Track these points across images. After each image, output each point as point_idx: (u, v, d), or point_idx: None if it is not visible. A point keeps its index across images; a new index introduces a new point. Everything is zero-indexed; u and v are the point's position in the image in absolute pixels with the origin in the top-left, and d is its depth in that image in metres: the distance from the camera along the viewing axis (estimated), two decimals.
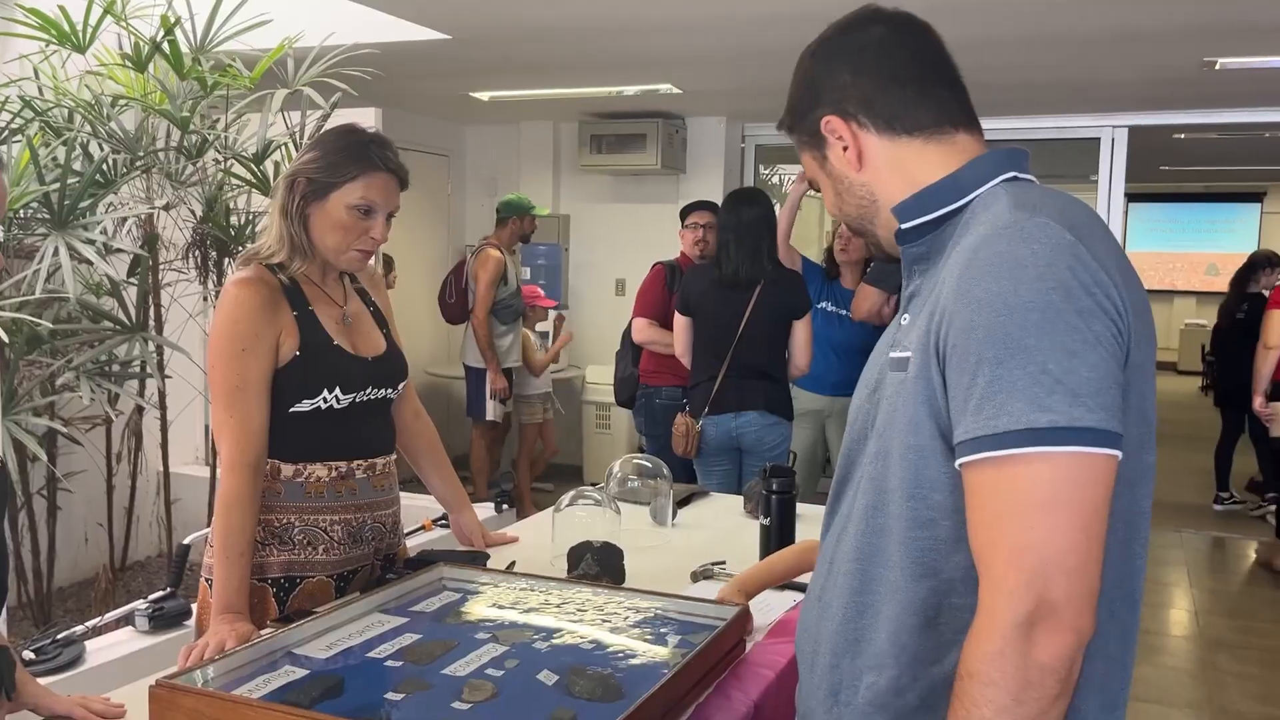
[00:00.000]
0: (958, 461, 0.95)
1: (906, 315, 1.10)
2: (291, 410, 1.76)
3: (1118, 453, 0.91)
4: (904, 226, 1.11)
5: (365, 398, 1.82)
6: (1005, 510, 0.91)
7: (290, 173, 1.76)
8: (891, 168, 1.12)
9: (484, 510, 2.91)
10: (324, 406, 1.77)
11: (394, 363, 1.89)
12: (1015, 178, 1.07)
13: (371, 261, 1.86)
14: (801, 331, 3.60)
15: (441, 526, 3.37)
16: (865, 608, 1.07)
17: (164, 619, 2.48)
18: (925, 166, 1.10)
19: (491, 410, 5.45)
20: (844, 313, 4.33)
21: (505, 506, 3.31)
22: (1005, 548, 0.91)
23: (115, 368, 3.44)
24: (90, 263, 3.23)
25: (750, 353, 3.57)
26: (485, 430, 5.58)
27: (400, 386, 1.91)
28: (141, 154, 3.42)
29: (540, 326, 5.90)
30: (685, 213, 4.29)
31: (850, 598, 1.09)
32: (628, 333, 4.48)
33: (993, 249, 0.96)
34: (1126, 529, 1.00)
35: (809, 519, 2.19)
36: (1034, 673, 0.89)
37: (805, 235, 11.77)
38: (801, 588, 1.94)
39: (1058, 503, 0.89)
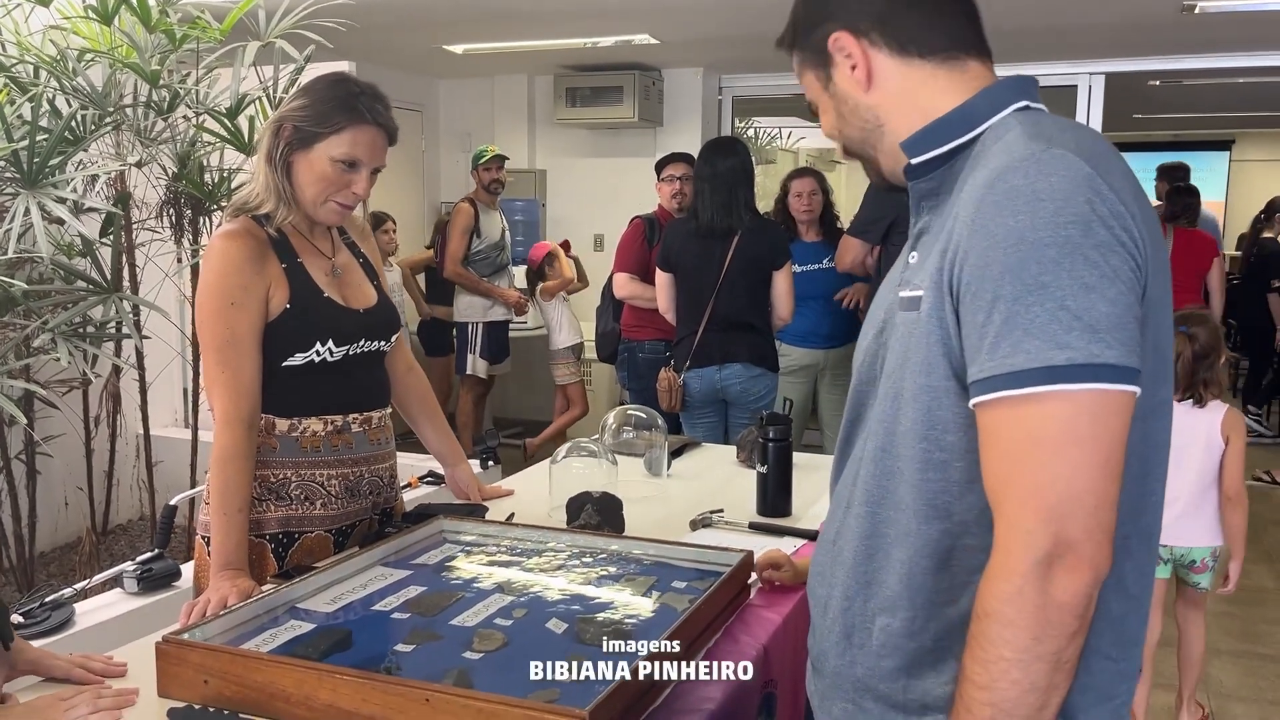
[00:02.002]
0: (972, 401, 0.93)
1: (915, 253, 1.07)
2: (284, 364, 1.72)
3: (1136, 389, 0.90)
4: (914, 161, 1.08)
5: (359, 350, 1.79)
6: (1022, 449, 0.89)
7: (277, 118, 1.72)
8: (901, 92, 1.08)
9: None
10: (317, 360, 1.74)
11: (386, 315, 1.86)
12: (1027, 107, 1.04)
13: (357, 211, 1.82)
14: (782, 282, 3.56)
15: (428, 484, 3.35)
16: (876, 550, 1.06)
17: (153, 580, 2.46)
18: (935, 94, 1.06)
19: (472, 365, 5.46)
20: (814, 266, 4.30)
21: (490, 463, 3.30)
22: (1022, 487, 0.89)
23: (90, 329, 3.37)
24: (62, 222, 3.16)
25: (730, 304, 3.54)
26: (472, 386, 5.58)
27: (393, 339, 1.88)
28: (111, 109, 3.33)
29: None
30: (661, 165, 4.25)
31: (861, 541, 1.08)
32: (608, 288, 4.45)
33: (1009, 183, 0.93)
34: (1140, 464, 0.98)
35: (801, 468, 2.18)
36: (1053, 611, 0.88)
37: (777, 190, 11.75)
38: (804, 534, 1.95)
39: (1077, 440, 0.88)
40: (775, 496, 2.08)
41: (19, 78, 3.29)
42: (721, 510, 2.06)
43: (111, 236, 3.44)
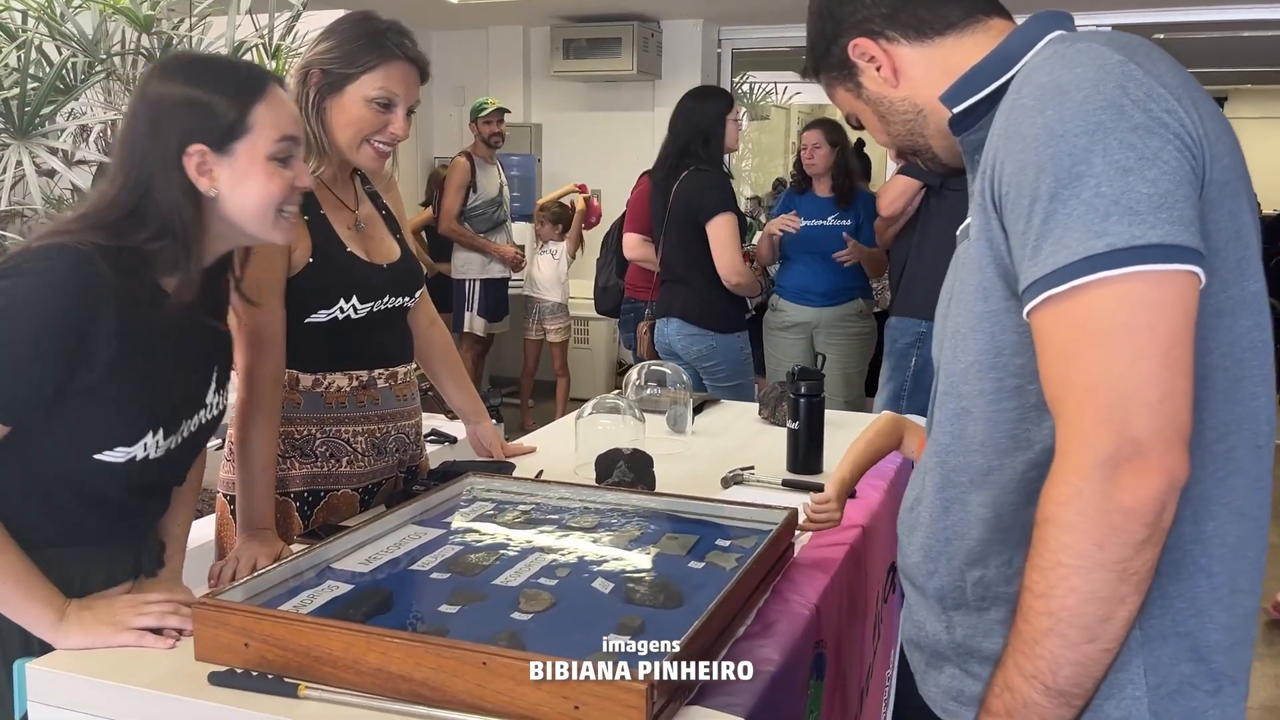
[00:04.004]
0: (1025, 311, 0.88)
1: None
2: (308, 321, 1.65)
3: (1194, 268, 0.83)
4: (956, 111, 1.03)
5: (383, 306, 1.72)
6: (1073, 347, 0.84)
7: (303, 64, 1.63)
8: (931, 71, 1.06)
9: None
10: (341, 316, 1.66)
11: (410, 270, 1.79)
12: (1063, 37, 0.99)
13: (388, 164, 1.75)
14: (713, 237, 3.26)
15: (431, 442, 3.30)
16: (952, 502, 1.01)
17: None
18: (965, 56, 1.04)
19: (469, 322, 5.40)
20: (818, 222, 4.20)
21: (494, 422, 3.25)
22: (1076, 386, 0.84)
23: None
24: (53, 174, 3.05)
25: (670, 256, 3.43)
26: (471, 344, 5.52)
27: (417, 294, 1.81)
28: (103, 56, 3.21)
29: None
30: None
31: (935, 494, 1.03)
32: (607, 242, 4.39)
33: (1034, 82, 0.90)
34: (1235, 365, 0.91)
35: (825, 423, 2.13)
36: (1117, 516, 0.82)
37: (772, 146, 11.62)
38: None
39: (1130, 330, 0.82)
40: (807, 453, 2.03)
41: (6, 25, 3.17)
42: (752, 467, 2.01)
43: None
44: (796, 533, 1.60)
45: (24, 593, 1.23)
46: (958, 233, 1.07)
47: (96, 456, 1.26)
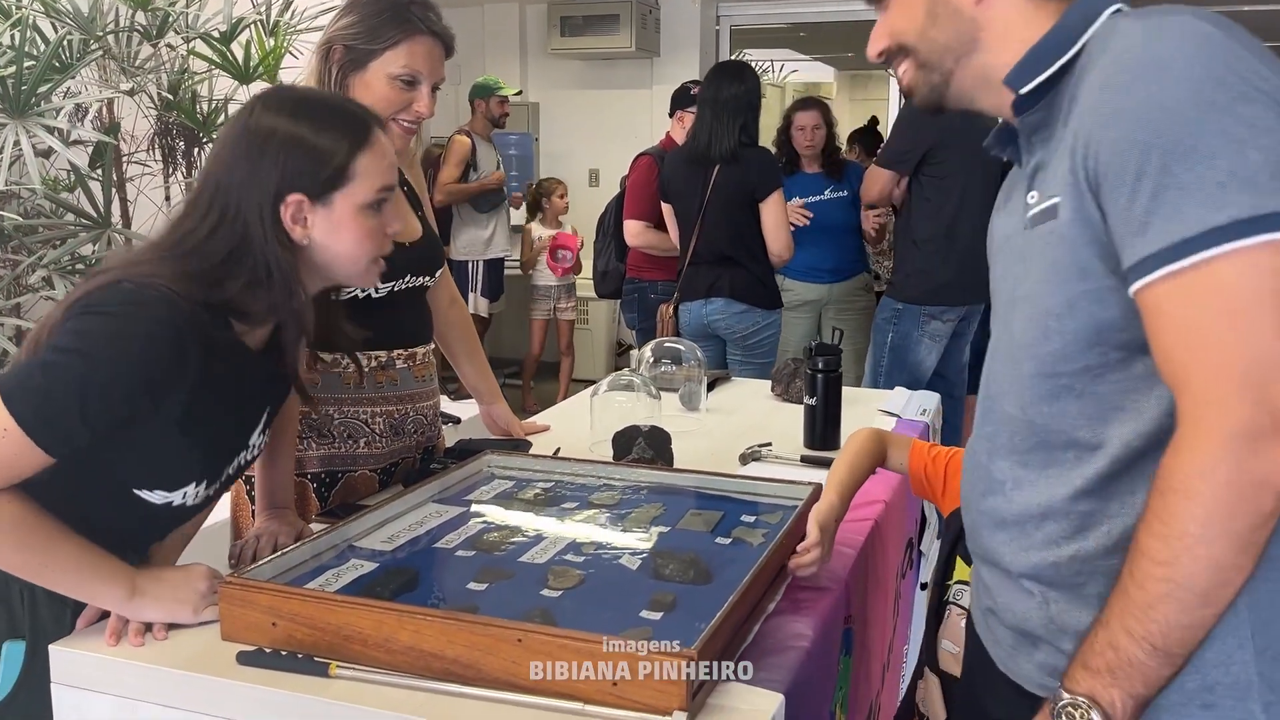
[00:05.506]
0: (1133, 288, 0.86)
1: (1034, 192, 1.00)
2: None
3: None
4: (1023, 92, 1.00)
5: (405, 285, 1.69)
6: (1201, 321, 0.83)
7: (325, 40, 1.60)
8: (1007, 19, 1.02)
9: (473, 406, 2.72)
10: (361, 296, 1.63)
11: (432, 249, 1.77)
12: (1119, 10, 0.98)
13: (411, 141, 1.72)
14: (768, 214, 3.31)
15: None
16: (1054, 479, 0.98)
17: None
18: (1033, 27, 1.01)
19: (474, 304, 5.36)
20: (815, 198, 4.17)
21: None
22: (1209, 360, 0.83)
23: (80, 266, 3.24)
24: (49, 153, 3.01)
25: (712, 236, 3.40)
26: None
27: (437, 274, 1.79)
28: (99, 34, 3.17)
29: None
30: (686, 99, 4.02)
31: (1036, 474, 1.00)
32: (603, 224, 4.35)
33: (1130, 56, 0.89)
34: None
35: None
36: (1249, 488, 0.81)
37: (768, 125, 11.58)
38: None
39: (1260, 300, 0.81)
40: (824, 429, 2.02)
41: (1, 2, 3.12)
42: (770, 443, 1.99)
43: (101, 169, 3.29)
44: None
45: (88, 577, 1.18)
46: (1032, 213, 1.00)
47: (136, 491, 1.22)
